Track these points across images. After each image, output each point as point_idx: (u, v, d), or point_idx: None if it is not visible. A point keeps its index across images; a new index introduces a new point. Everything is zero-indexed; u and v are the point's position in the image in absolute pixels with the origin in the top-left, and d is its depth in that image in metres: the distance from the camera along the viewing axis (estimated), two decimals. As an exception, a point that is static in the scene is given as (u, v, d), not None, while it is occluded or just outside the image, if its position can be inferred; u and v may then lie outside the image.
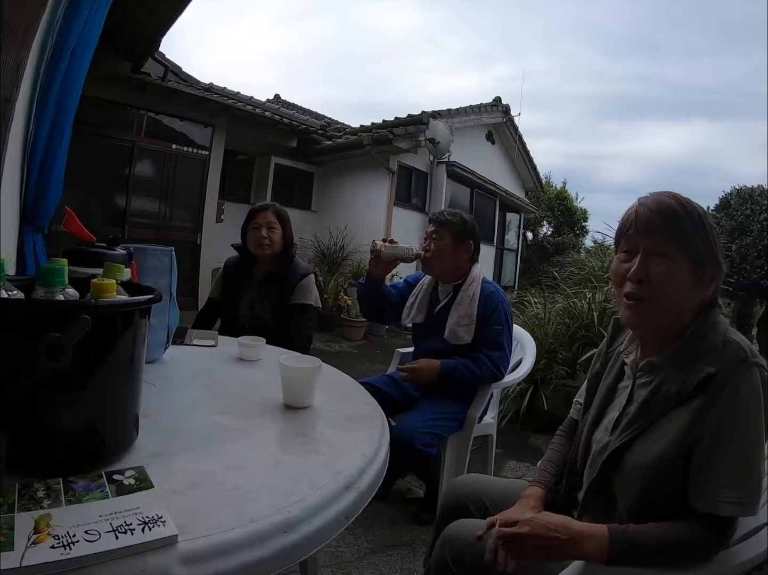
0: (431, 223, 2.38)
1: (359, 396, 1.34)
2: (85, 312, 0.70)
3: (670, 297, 1.02)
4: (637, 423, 1.05)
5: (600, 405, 1.20)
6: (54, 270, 0.79)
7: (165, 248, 1.50)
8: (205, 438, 0.96)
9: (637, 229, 1.05)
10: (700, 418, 0.95)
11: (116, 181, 6.62)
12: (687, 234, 1.00)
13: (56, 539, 0.60)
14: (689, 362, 1.00)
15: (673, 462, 0.97)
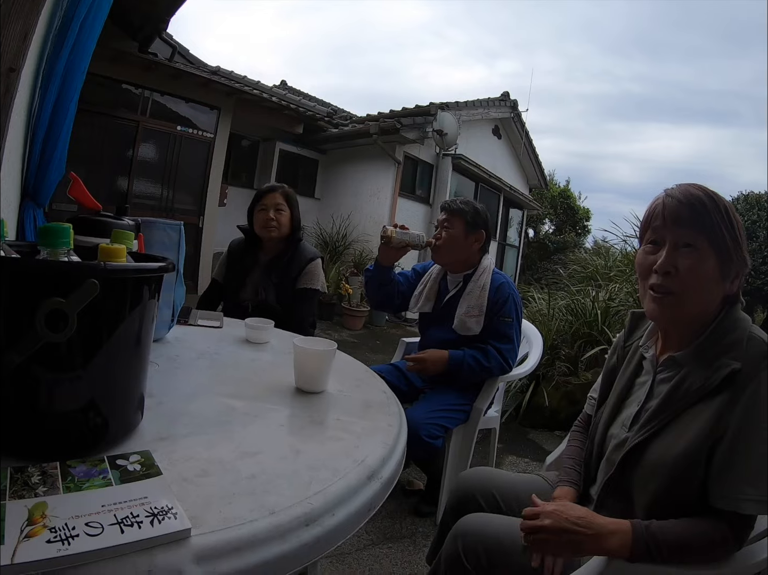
0: (443, 211, 2.32)
1: (374, 383, 1.29)
2: (94, 276, 0.62)
3: (697, 291, 1.00)
4: (658, 418, 1.03)
5: (617, 400, 1.18)
6: (58, 228, 0.71)
7: (174, 222, 1.44)
8: (214, 422, 0.91)
9: (664, 220, 1.03)
10: (724, 415, 0.94)
11: (119, 161, 6.51)
12: (715, 226, 0.98)
13: (53, 532, 0.53)
14: (713, 358, 0.99)
15: (695, 459, 0.95)
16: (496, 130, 11.48)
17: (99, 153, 6.24)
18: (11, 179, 1.83)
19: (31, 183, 2.03)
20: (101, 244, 0.74)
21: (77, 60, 2.01)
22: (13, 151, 1.78)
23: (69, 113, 2.03)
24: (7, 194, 1.76)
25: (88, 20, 2.01)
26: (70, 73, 1.99)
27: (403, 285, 2.44)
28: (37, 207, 2.09)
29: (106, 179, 6.43)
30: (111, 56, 5.72)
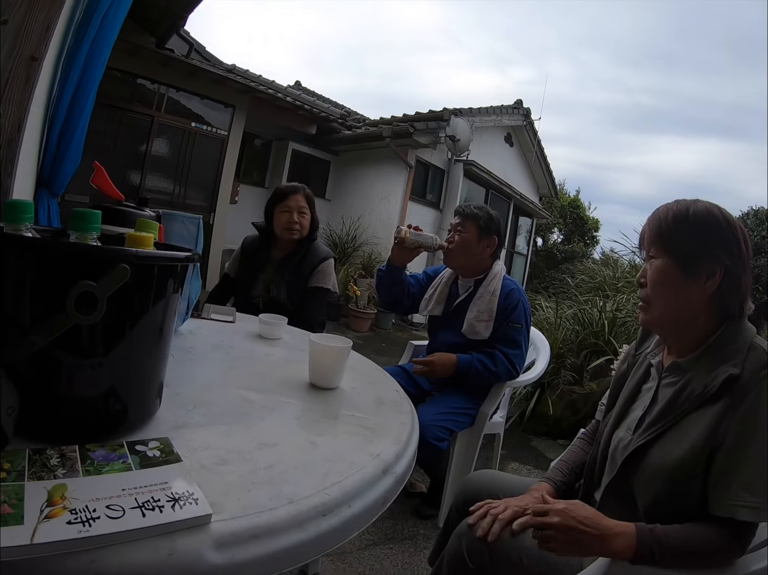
0: (457, 215, 2.33)
1: (386, 382, 1.30)
2: (125, 262, 0.63)
3: (663, 294, 1.08)
4: (660, 422, 1.05)
5: (624, 404, 1.21)
6: (89, 214, 0.72)
7: (193, 216, 1.46)
8: (230, 413, 0.92)
9: (641, 242, 1.16)
10: (723, 421, 0.96)
11: (133, 155, 6.55)
12: (669, 231, 1.07)
13: (73, 513, 0.54)
14: (714, 364, 1.01)
15: (694, 464, 0.97)
16: (509, 137, 11.48)
17: (113, 146, 6.28)
18: (27, 168, 1.85)
19: (46, 172, 2.04)
20: (129, 232, 0.76)
21: (97, 53, 2.03)
22: (31, 140, 1.79)
23: (87, 105, 2.05)
24: (23, 182, 1.78)
25: (110, 14, 2.02)
26: (89, 66, 2.01)
27: (414, 287, 2.45)
28: (52, 196, 2.10)
29: (119, 172, 6.45)
30: (129, 50, 5.77)
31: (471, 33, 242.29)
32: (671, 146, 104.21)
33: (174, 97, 6.79)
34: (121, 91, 6.23)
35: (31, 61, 1.48)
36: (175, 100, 6.81)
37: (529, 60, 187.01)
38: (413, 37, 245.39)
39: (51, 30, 1.54)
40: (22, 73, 1.46)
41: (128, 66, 5.99)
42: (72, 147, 2.04)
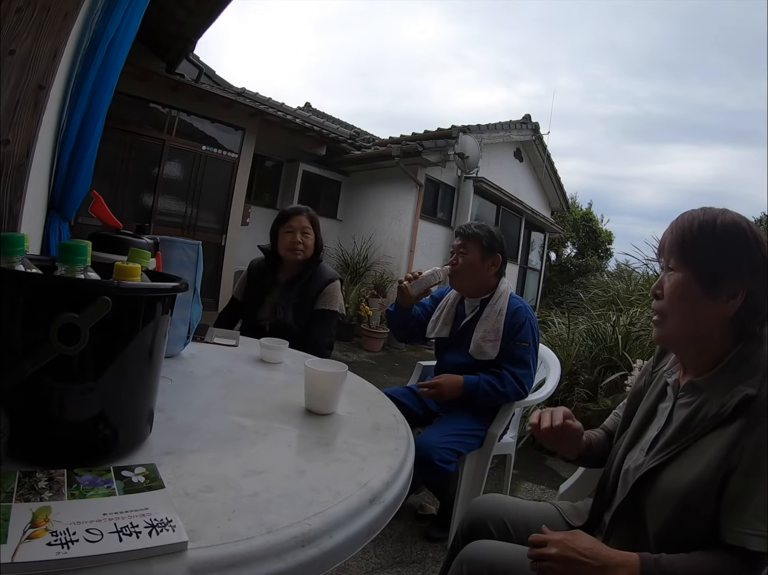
0: (458, 237, 2.33)
1: (384, 406, 1.28)
2: (106, 294, 0.65)
3: (680, 310, 1.03)
4: (674, 444, 1.01)
5: (639, 424, 1.17)
6: (76, 247, 0.74)
7: (193, 242, 1.46)
8: (222, 439, 0.91)
9: (661, 248, 1.10)
10: (738, 444, 0.92)
11: (145, 178, 6.66)
12: (691, 245, 1.02)
13: (54, 535, 0.55)
14: (731, 384, 0.97)
15: (707, 489, 0.93)
16: (518, 152, 11.52)
17: (125, 169, 6.39)
18: (38, 192, 1.88)
19: (57, 196, 2.08)
20: (117, 263, 0.77)
21: (105, 79, 2.08)
22: (40, 165, 1.83)
23: (96, 130, 2.09)
24: (34, 206, 1.81)
25: (117, 40, 2.07)
26: (98, 92, 2.06)
27: (423, 315, 2.45)
28: (63, 220, 2.14)
29: (131, 195, 6.58)
30: (139, 75, 5.91)
31: (477, 50, 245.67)
32: (682, 155, 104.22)
33: (185, 121, 6.90)
34: (133, 115, 6.36)
35: (38, 89, 1.51)
36: (185, 124, 6.92)
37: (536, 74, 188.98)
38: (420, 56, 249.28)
39: (58, 58, 1.57)
40: (30, 101, 1.49)
41: (139, 91, 6.11)
42: (82, 171, 2.08)
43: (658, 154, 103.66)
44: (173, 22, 5.33)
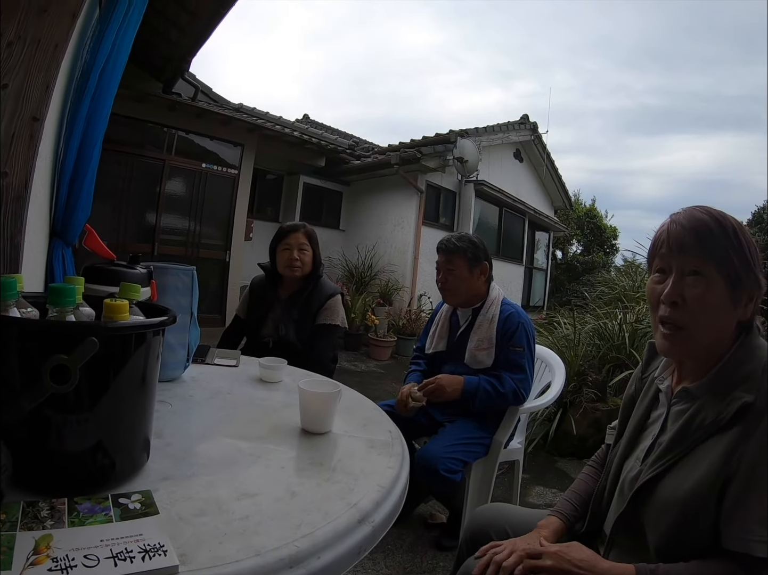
0: (441, 253, 2.32)
1: (381, 423, 1.29)
2: (93, 334, 0.68)
3: (707, 322, 0.96)
4: (671, 454, 0.99)
5: (633, 432, 1.15)
6: (63, 289, 0.78)
7: (186, 267, 1.49)
8: (218, 463, 0.94)
9: (670, 248, 1.00)
10: (736, 450, 0.89)
11: (147, 198, 6.75)
12: (722, 250, 0.94)
13: (54, 562, 0.59)
14: (727, 390, 0.94)
15: (706, 497, 0.91)
16: (518, 153, 11.54)
17: (127, 190, 6.49)
18: (39, 221, 1.92)
19: (59, 223, 2.13)
20: (105, 301, 0.80)
21: (100, 105, 2.12)
22: (40, 194, 1.87)
23: (93, 156, 2.13)
24: (35, 235, 1.84)
25: (108, 67, 2.12)
26: (93, 118, 2.10)
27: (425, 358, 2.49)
28: (66, 246, 2.18)
29: (134, 216, 6.67)
30: (136, 97, 6.00)
31: (471, 51, 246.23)
32: (683, 145, 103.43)
33: (183, 140, 6.99)
34: (132, 136, 6.45)
35: (33, 121, 1.55)
36: (184, 143, 7.00)
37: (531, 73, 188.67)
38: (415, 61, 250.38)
39: (51, 89, 1.61)
40: (26, 133, 1.53)
41: (137, 113, 6.20)
42: (82, 197, 2.12)
43: (658, 145, 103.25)
44: (167, 42, 5.42)
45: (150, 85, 6.34)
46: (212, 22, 4.71)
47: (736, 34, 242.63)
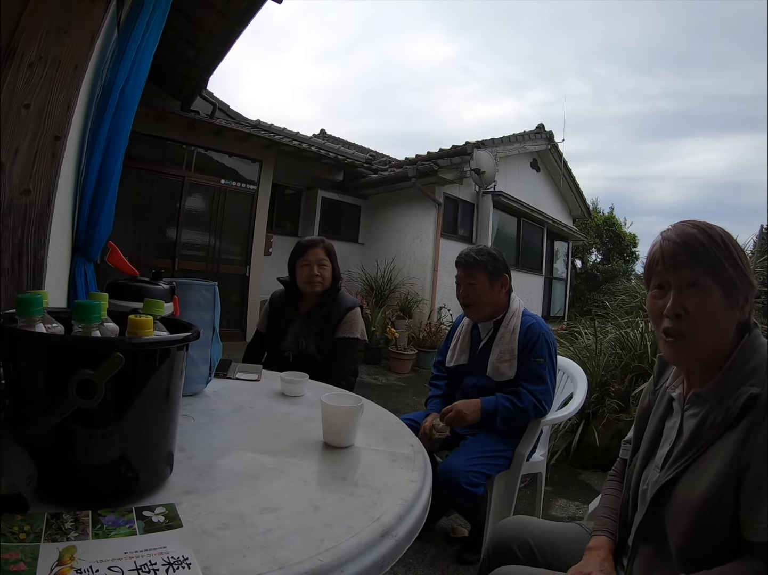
0: (460, 267, 2.31)
1: (403, 437, 1.29)
2: (118, 350, 0.70)
3: (709, 327, 1.00)
4: (686, 455, 1.01)
5: (650, 443, 1.16)
6: (89, 306, 0.79)
7: (208, 283, 1.51)
8: (240, 477, 0.94)
9: (665, 264, 1.04)
10: (746, 442, 0.91)
11: (167, 214, 6.85)
12: (714, 259, 0.99)
13: (78, 573, 0.59)
14: (734, 387, 0.97)
15: (723, 492, 0.92)
16: (534, 163, 11.51)
17: (148, 207, 6.61)
18: (62, 237, 1.96)
19: (81, 240, 2.17)
20: (130, 317, 0.81)
21: (120, 123, 2.16)
22: (62, 212, 1.91)
23: (114, 173, 2.18)
24: (59, 251, 1.88)
25: (128, 86, 2.16)
26: (113, 137, 2.14)
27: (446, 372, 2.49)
28: (88, 262, 2.23)
29: (155, 232, 6.78)
30: (156, 115, 6.12)
31: (483, 62, 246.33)
32: (698, 148, 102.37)
33: (202, 156, 7.09)
34: (152, 154, 6.57)
35: (55, 140, 1.59)
36: (203, 159, 7.11)
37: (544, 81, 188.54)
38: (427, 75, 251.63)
39: (72, 109, 1.65)
40: (48, 151, 1.57)
41: (157, 130, 6.32)
42: (104, 214, 2.16)
43: (673, 149, 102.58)
44: (184, 61, 5.55)
45: (169, 103, 6.47)
46: (228, 41, 4.80)
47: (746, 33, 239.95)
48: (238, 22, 4.40)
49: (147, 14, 2.23)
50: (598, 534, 1.21)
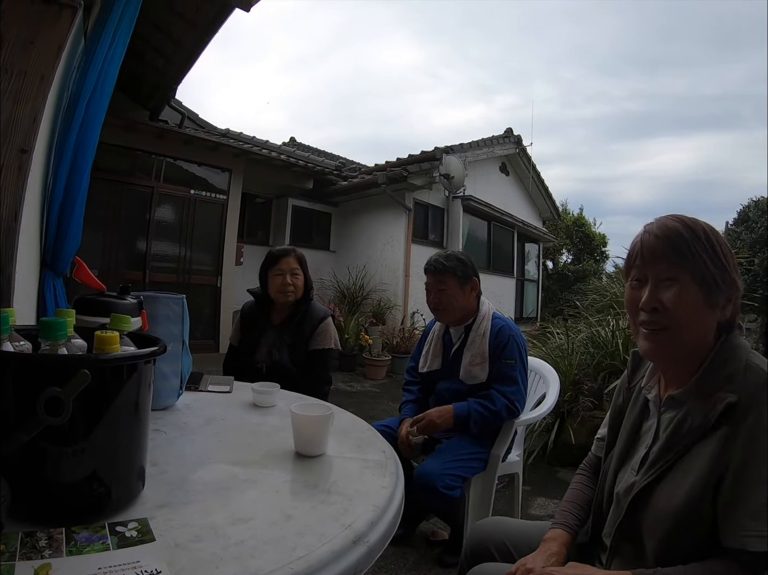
0: (429, 274, 2.33)
1: (375, 443, 1.30)
2: (85, 367, 0.70)
3: (686, 322, 0.98)
4: (662, 460, 1.00)
5: (625, 445, 1.15)
6: (54, 323, 0.79)
7: (176, 296, 1.50)
8: (213, 489, 0.94)
9: (643, 257, 1.03)
10: (725, 450, 0.91)
11: (137, 226, 6.76)
12: (693, 255, 0.97)
13: None
14: (711, 392, 0.96)
15: (701, 499, 0.92)
16: (504, 167, 11.64)
17: (117, 218, 6.51)
18: (29, 252, 1.93)
19: (49, 254, 2.13)
20: (96, 333, 0.81)
21: (87, 135, 2.14)
22: (30, 226, 1.87)
23: (82, 186, 2.15)
24: (27, 266, 1.85)
25: (95, 97, 2.14)
26: (81, 148, 2.12)
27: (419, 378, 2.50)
28: (56, 276, 2.19)
29: (125, 243, 6.68)
30: (124, 126, 6.04)
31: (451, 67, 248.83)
32: (666, 147, 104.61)
33: (171, 166, 7.02)
34: (121, 165, 6.50)
35: (21, 153, 1.56)
36: (173, 169, 7.04)
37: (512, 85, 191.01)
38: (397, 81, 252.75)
39: (38, 121, 1.62)
40: (14, 165, 1.54)
41: (125, 141, 6.24)
42: (72, 227, 2.13)
43: (641, 150, 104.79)
44: (153, 70, 5.51)
45: (138, 113, 6.41)
46: (197, 49, 4.78)
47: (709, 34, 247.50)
48: (206, 30, 4.38)
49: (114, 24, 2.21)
50: (555, 526, 1.21)
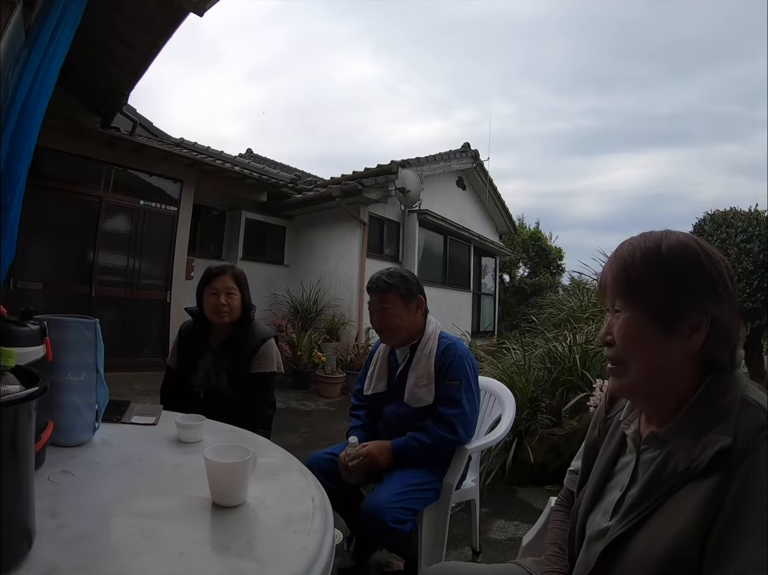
0: (372, 293, 2.21)
1: (303, 488, 1.17)
2: None
3: (638, 354, 0.90)
4: (641, 506, 0.87)
5: (598, 482, 1.03)
6: None
7: (89, 320, 1.34)
8: (111, 551, 0.82)
9: (600, 288, 1.00)
10: (716, 499, 0.78)
11: (83, 237, 6.42)
12: (636, 280, 0.90)
13: None
14: (699, 432, 0.84)
15: (687, 552, 0.79)
16: (460, 181, 11.71)
17: (63, 229, 6.18)
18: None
19: (-21, 267, 1.99)
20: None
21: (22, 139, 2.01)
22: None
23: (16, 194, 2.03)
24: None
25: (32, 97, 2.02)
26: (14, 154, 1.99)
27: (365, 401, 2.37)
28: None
29: (70, 255, 6.36)
30: (73, 132, 5.79)
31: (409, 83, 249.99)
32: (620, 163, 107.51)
33: (121, 176, 6.73)
34: (68, 173, 6.18)
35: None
36: (122, 179, 6.75)
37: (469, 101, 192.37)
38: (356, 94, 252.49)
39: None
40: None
41: (73, 148, 5.96)
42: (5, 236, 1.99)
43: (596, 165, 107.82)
44: (104, 76, 5.34)
45: (89, 119, 6.17)
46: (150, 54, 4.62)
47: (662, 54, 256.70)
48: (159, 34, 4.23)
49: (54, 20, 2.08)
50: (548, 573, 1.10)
